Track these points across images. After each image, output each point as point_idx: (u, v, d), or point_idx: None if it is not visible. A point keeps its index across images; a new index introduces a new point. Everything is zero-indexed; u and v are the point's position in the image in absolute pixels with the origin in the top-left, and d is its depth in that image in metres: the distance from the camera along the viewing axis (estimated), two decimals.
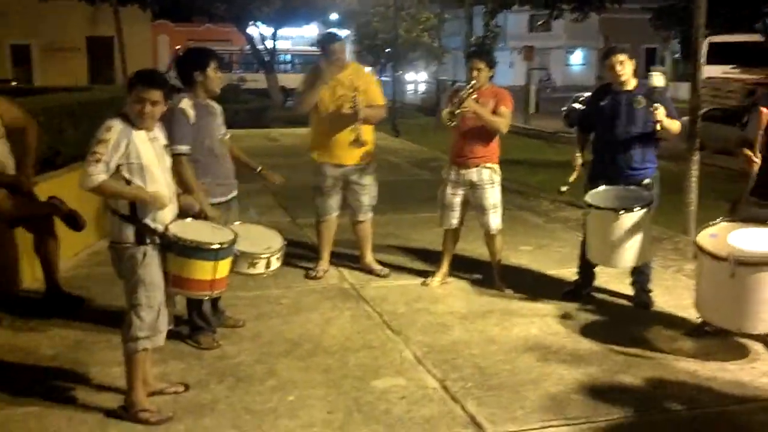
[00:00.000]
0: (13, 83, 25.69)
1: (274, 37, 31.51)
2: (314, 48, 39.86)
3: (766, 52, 23.94)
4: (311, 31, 43.19)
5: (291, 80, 33.27)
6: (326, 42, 6.01)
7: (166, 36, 41.27)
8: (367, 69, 6.30)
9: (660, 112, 5.08)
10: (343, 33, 34.89)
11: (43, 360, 4.56)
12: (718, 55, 24.62)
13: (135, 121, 3.74)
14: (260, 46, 30.93)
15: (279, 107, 28.12)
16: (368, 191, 6.15)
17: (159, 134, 3.90)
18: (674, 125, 5.24)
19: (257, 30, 31.15)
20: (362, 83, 5.96)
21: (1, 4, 29.33)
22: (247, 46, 31.56)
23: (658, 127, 5.13)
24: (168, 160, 3.93)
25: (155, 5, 30.10)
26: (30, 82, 29.30)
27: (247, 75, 33.91)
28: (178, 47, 33.39)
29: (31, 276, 5.85)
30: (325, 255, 6.30)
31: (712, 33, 26.73)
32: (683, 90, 20.78)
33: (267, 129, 19.73)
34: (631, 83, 5.39)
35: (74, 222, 5.53)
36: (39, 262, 5.53)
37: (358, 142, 5.90)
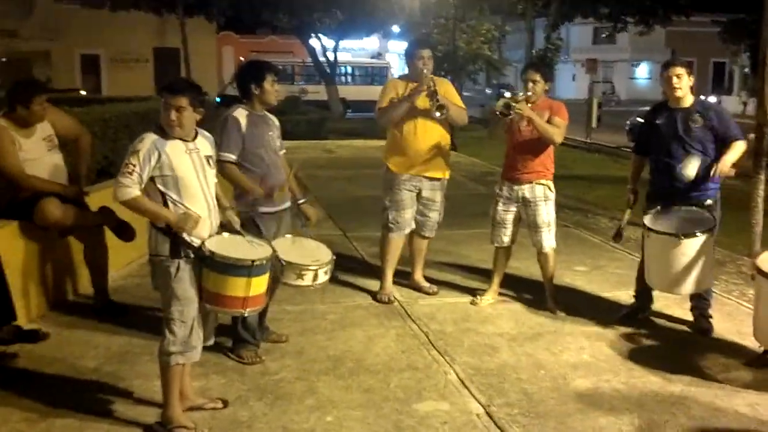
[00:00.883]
0: (82, 93, 26.44)
1: (335, 49, 31.73)
2: (375, 60, 40.18)
3: None
4: (372, 43, 43.43)
5: (351, 92, 33.58)
6: (414, 47, 5.83)
7: (231, 47, 42.00)
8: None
9: (722, 167, 4.94)
10: (403, 45, 34.99)
11: (86, 372, 4.55)
12: None
13: (166, 130, 3.72)
14: (322, 58, 31.18)
15: (339, 119, 28.28)
16: (438, 208, 5.99)
17: (201, 145, 3.86)
18: (737, 155, 5.04)
19: (319, 42, 31.40)
20: (440, 89, 5.73)
21: (72, 15, 30.24)
22: (309, 58, 31.85)
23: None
24: (211, 172, 3.88)
25: (220, 17, 30.59)
26: (98, 92, 30.12)
27: (308, 86, 34.24)
28: (242, 58, 33.97)
29: (81, 284, 5.90)
30: (390, 275, 6.02)
31: None
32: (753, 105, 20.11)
33: (324, 141, 19.77)
34: (688, 100, 5.18)
35: (125, 232, 5.56)
36: (89, 271, 5.59)
37: (437, 103, 5.55)
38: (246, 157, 4.62)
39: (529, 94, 5.51)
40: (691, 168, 4.98)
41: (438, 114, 5.59)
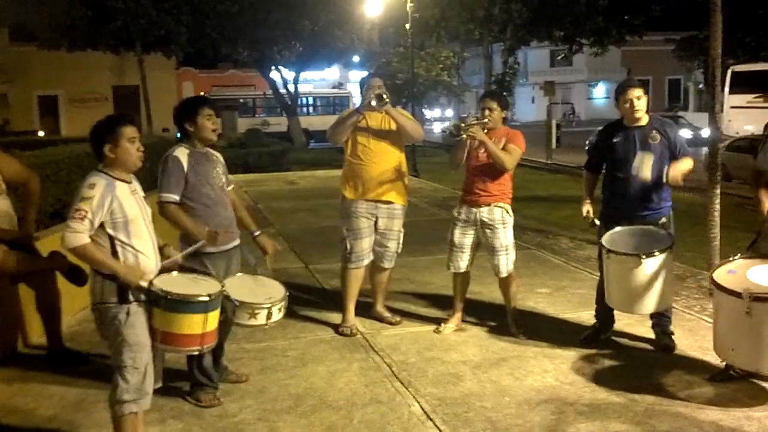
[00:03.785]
0: (40, 134, 26.16)
1: (296, 80, 31.85)
2: (336, 89, 40.35)
3: None
4: (333, 73, 43.64)
5: (313, 122, 33.70)
6: (366, 78, 5.93)
7: (191, 82, 41.93)
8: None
9: (674, 173, 4.99)
10: (364, 74, 35.30)
11: (41, 421, 4.42)
12: (741, 84, 24.32)
13: (129, 167, 3.69)
14: (282, 90, 31.27)
15: (302, 149, 28.30)
16: (396, 237, 5.92)
17: (137, 186, 3.82)
18: (687, 166, 5.09)
19: (279, 74, 31.50)
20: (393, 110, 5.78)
21: (28, 57, 30.02)
22: (270, 91, 31.93)
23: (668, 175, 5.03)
24: (149, 212, 3.82)
25: (179, 53, 30.53)
26: (57, 133, 29.83)
27: (270, 118, 34.33)
28: (203, 93, 33.95)
29: (35, 332, 5.74)
30: (352, 307, 5.94)
31: (738, 62, 26.51)
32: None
33: (287, 172, 19.73)
34: (645, 118, 5.22)
35: (77, 277, 5.41)
36: (41, 318, 5.44)
37: (380, 98, 5.51)
38: (191, 197, 4.49)
39: (485, 120, 5.53)
40: (645, 168, 5.00)
41: (375, 103, 5.53)
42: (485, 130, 5.49)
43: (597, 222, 5.38)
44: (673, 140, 5.16)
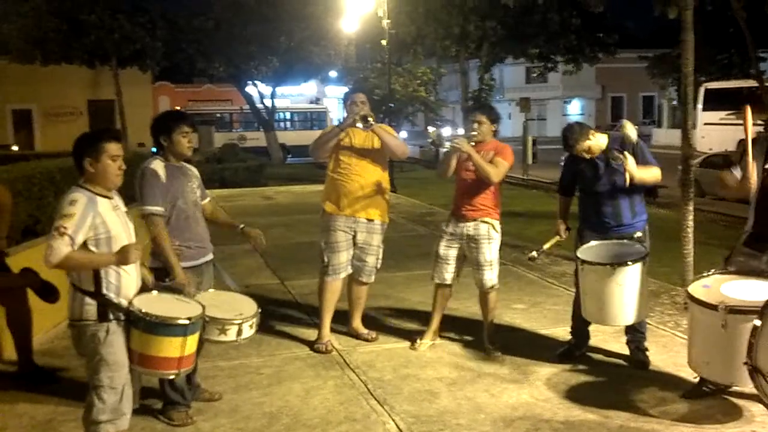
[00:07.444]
0: (14, 148, 25.88)
1: (272, 95, 31.79)
2: (313, 105, 40.34)
3: (761, 98, 23.91)
4: (310, 88, 43.62)
5: (290, 137, 33.62)
6: (349, 93, 5.96)
7: (167, 97, 41.66)
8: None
9: (628, 162, 4.97)
10: (341, 90, 35.31)
11: None
12: (714, 101, 24.68)
13: (109, 185, 3.63)
14: (259, 105, 31.20)
15: (279, 164, 28.21)
16: (375, 252, 5.92)
17: (119, 202, 3.77)
18: (648, 173, 5.12)
19: (256, 89, 31.43)
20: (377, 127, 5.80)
21: (1, 71, 29.70)
22: (247, 105, 31.84)
23: (627, 177, 5.00)
24: (131, 227, 3.77)
25: (155, 67, 30.35)
26: (31, 147, 29.54)
27: (247, 133, 34.23)
28: (178, 108, 33.75)
29: (8, 348, 5.64)
30: (327, 322, 5.91)
31: (711, 79, 26.89)
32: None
33: (264, 187, 19.66)
34: (602, 145, 5.26)
35: (49, 294, 5.36)
36: (11, 335, 5.36)
37: (366, 120, 5.56)
38: (165, 210, 4.46)
39: (474, 134, 5.56)
40: (629, 130, 5.02)
41: (361, 125, 5.58)
42: (473, 143, 5.51)
43: (533, 255, 5.54)
44: (635, 152, 5.19)
